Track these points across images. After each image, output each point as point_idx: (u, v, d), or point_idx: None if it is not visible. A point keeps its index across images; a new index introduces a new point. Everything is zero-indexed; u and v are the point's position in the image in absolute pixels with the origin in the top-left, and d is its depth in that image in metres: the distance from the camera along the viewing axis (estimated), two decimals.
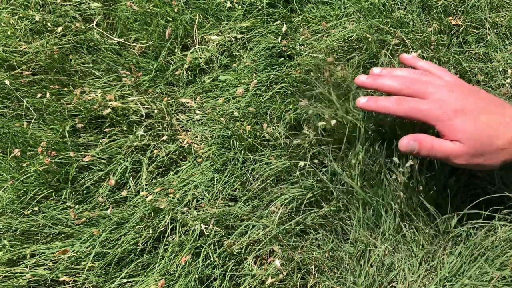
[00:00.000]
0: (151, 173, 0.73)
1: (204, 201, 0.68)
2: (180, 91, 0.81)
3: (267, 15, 0.85)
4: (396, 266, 0.63)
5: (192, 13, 0.84)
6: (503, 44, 0.80)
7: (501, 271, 0.58)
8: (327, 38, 0.80)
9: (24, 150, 0.73)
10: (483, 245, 0.61)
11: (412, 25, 0.80)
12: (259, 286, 0.63)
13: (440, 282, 0.59)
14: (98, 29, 0.84)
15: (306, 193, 0.67)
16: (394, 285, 0.62)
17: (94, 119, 0.78)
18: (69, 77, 0.83)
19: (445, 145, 0.51)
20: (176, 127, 0.77)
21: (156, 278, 0.62)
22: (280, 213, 0.65)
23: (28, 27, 0.86)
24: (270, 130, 0.71)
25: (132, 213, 0.67)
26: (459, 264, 0.60)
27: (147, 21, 0.85)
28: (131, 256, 0.66)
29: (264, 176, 0.69)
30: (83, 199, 0.72)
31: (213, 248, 0.64)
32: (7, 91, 0.80)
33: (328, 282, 0.62)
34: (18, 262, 0.66)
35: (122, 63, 0.82)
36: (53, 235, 0.68)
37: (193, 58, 0.82)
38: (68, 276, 0.64)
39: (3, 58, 0.82)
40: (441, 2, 0.81)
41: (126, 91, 0.80)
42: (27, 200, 0.69)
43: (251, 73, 0.78)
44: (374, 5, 0.81)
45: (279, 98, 0.74)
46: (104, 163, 0.73)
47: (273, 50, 0.81)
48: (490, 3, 0.82)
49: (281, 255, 0.63)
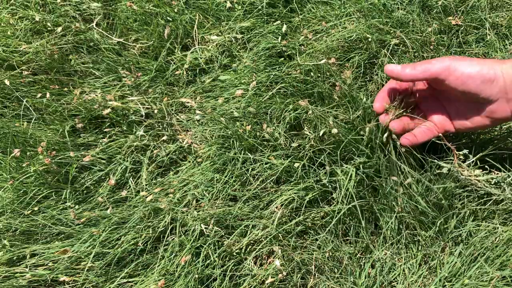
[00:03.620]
0: (151, 173, 0.73)
1: (204, 201, 0.68)
2: (180, 91, 0.81)
3: (267, 15, 0.85)
4: (396, 266, 0.63)
5: (192, 13, 0.84)
6: (503, 44, 0.80)
7: (501, 271, 0.58)
8: (327, 38, 0.80)
9: (24, 150, 0.73)
10: (483, 245, 0.61)
11: (412, 25, 0.80)
12: (259, 286, 0.63)
13: (440, 282, 0.59)
14: (98, 29, 0.84)
15: (306, 194, 0.67)
16: (394, 285, 0.62)
17: (94, 119, 0.78)
18: (69, 77, 0.83)
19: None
20: (176, 127, 0.77)
21: (156, 278, 0.62)
22: (280, 213, 0.65)
23: (28, 27, 0.86)
24: (270, 130, 0.71)
25: (132, 213, 0.67)
26: (459, 264, 0.60)
27: (147, 21, 0.85)
28: (131, 256, 0.66)
29: (264, 176, 0.69)
30: (83, 199, 0.72)
31: (213, 248, 0.64)
32: (7, 91, 0.80)
33: (328, 282, 0.62)
34: (18, 262, 0.66)
35: (122, 63, 0.82)
36: (53, 235, 0.68)
37: (193, 58, 0.82)
38: (68, 276, 0.64)
39: (3, 58, 0.82)
40: (441, 2, 0.81)
41: (126, 91, 0.80)
42: (27, 200, 0.69)
43: (251, 73, 0.78)
44: (374, 5, 0.81)
45: (279, 98, 0.74)
46: (104, 163, 0.73)
47: (273, 50, 0.81)
48: (490, 3, 0.82)
49: (281, 255, 0.63)
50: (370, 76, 0.79)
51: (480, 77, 0.52)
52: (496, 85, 0.52)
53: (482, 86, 0.52)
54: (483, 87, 0.52)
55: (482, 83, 0.52)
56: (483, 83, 0.52)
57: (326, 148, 0.67)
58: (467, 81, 0.53)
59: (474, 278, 0.58)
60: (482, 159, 0.62)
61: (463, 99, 0.56)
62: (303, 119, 0.72)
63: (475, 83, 0.53)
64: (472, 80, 0.53)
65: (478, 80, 0.52)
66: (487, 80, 0.52)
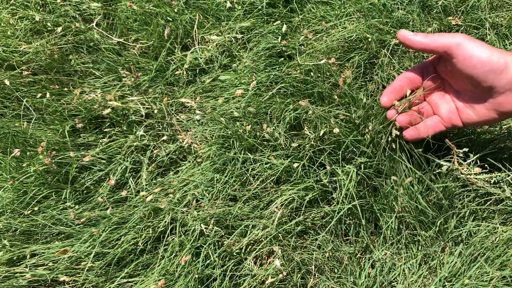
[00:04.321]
0: (151, 173, 0.73)
1: (204, 201, 0.68)
2: (180, 91, 0.81)
3: (267, 15, 0.85)
4: (396, 266, 0.63)
5: (192, 13, 0.84)
6: (503, 44, 0.80)
7: (501, 271, 0.58)
8: (327, 38, 0.80)
9: (24, 150, 0.73)
10: (483, 245, 0.61)
11: (412, 25, 0.80)
12: (259, 286, 0.63)
13: (440, 282, 0.59)
14: (98, 29, 0.84)
15: (306, 194, 0.67)
16: (394, 285, 0.62)
17: (94, 119, 0.78)
18: (69, 77, 0.83)
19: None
20: (176, 127, 0.77)
21: (156, 278, 0.62)
22: (280, 213, 0.65)
23: (28, 27, 0.86)
24: (270, 130, 0.71)
25: (132, 213, 0.67)
26: (459, 264, 0.60)
27: (147, 21, 0.85)
28: (131, 256, 0.66)
29: (264, 176, 0.69)
30: (83, 199, 0.72)
31: (213, 248, 0.64)
32: (7, 91, 0.80)
33: (328, 282, 0.62)
34: (18, 262, 0.66)
35: (122, 63, 0.82)
36: (53, 235, 0.68)
37: (193, 58, 0.82)
38: (68, 276, 0.64)
39: (3, 58, 0.82)
40: (441, 2, 0.81)
41: (126, 91, 0.80)
42: (27, 200, 0.69)
43: (251, 73, 0.78)
44: (374, 5, 0.81)
45: (279, 98, 0.74)
46: (104, 163, 0.73)
47: (273, 50, 0.81)
48: (490, 3, 0.82)
49: (281, 255, 0.63)
50: (370, 76, 0.79)
51: (489, 64, 0.51)
52: (505, 76, 0.50)
53: (490, 75, 0.51)
54: (491, 75, 0.51)
55: (490, 71, 0.51)
56: (490, 72, 0.51)
57: (326, 148, 0.67)
58: (476, 64, 0.51)
59: (474, 278, 0.58)
60: (482, 159, 0.62)
61: (470, 89, 0.55)
62: (303, 119, 0.72)
63: (483, 69, 0.51)
64: (481, 64, 0.51)
65: (487, 67, 0.51)
66: (496, 69, 0.50)
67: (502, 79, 0.51)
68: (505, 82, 0.51)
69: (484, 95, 0.54)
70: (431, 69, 0.60)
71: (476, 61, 0.51)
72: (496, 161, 0.62)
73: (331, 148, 0.68)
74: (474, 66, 0.52)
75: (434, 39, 0.54)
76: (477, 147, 0.66)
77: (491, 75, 0.51)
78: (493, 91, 0.52)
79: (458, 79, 0.56)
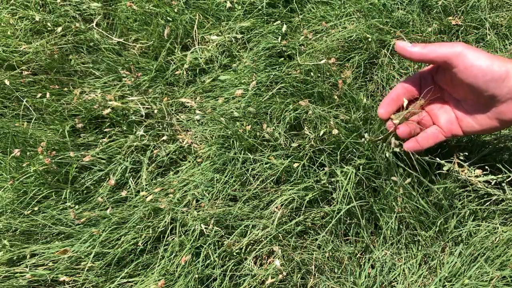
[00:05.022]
0: (151, 173, 0.73)
1: (204, 201, 0.68)
2: (180, 91, 0.81)
3: (267, 15, 0.85)
4: (396, 266, 0.63)
5: (192, 13, 0.84)
6: (503, 44, 0.80)
7: (501, 271, 0.58)
8: (327, 38, 0.80)
9: (24, 150, 0.73)
10: (483, 245, 0.61)
11: (412, 25, 0.80)
12: (259, 286, 0.63)
13: (440, 282, 0.59)
14: (98, 29, 0.84)
15: (306, 194, 0.67)
16: (394, 285, 0.62)
17: (94, 119, 0.78)
18: (69, 77, 0.83)
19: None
20: (176, 127, 0.77)
21: (156, 278, 0.62)
22: (280, 213, 0.65)
23: (28, 27, 0.86)
24: (270, 130, 0.71)
25: (132, 213, 0.67)
26: (459, 264, 0.60)
27: (147, 21, 0.85)
28: (131, 256, 0.66)
29: (264, 176, 0.69)
30: (83, 199, 0.72)
31: (213, 248, 0.64)
32: (7, 91, 0.80)
33: (328, 282, 0.62)
34: (18, 262, 0.66)
35: (122, 63, 0.82)
36: (53, 235, 0.68)
37: (193, 58, 0.82)
38: (68, 276, 0.64)
39: (3, 58, 0.82)
40: (441, 2, 0.81)
41: (126, 91, 0.80)
42: (27, 200, 0.69)
43: (251, 73, 0.78)
44: (374, 5, 0.81)
45: (279, 98, 0.74)
46: (104, 163, 0.73)
47: (273, 50, 0.81)
48: (490, 3, 0.82)
49: (281, 255, 0.63)
50: (370, 76, 0.79)
51: (490, 73, 0.50)
52: (506, 85, 0.50)
53: (491, 84, 0.50)
54: (492, 84, 0.50)
55: (491, 80, 0.50)
56: (492, 81, 0.50)
57: (326, 149, 0.67)
58: (477, 74, 0.50)
59: (474, 278, 0.58)
60: (482, 159, 0.62)
61: (470, 98, 0.55)
62: (303, 119, 0.72)
63: (484, 78, 0.50)
64: (482, 74, 0.50)
65: (488, 76, 0.50)
66: (497, 78, 0.50)
67: (503, 88, 0.50)
68: (506, 90, 0.50)
69: (486, 104, 0.53)
70: (429, 78, 0.59)
71: (477, 70, 0.50)
72: (496, 162, 0.62)
73: (331, 148, 0.68)
74: (475, 76, 0.51)
75: (433, 49, 0.53)
76: (477, 148, 0.66)
77: (492, 84, 0.50)
78: (494, 100, 0.52)
79: (459, 89, 0.56)
